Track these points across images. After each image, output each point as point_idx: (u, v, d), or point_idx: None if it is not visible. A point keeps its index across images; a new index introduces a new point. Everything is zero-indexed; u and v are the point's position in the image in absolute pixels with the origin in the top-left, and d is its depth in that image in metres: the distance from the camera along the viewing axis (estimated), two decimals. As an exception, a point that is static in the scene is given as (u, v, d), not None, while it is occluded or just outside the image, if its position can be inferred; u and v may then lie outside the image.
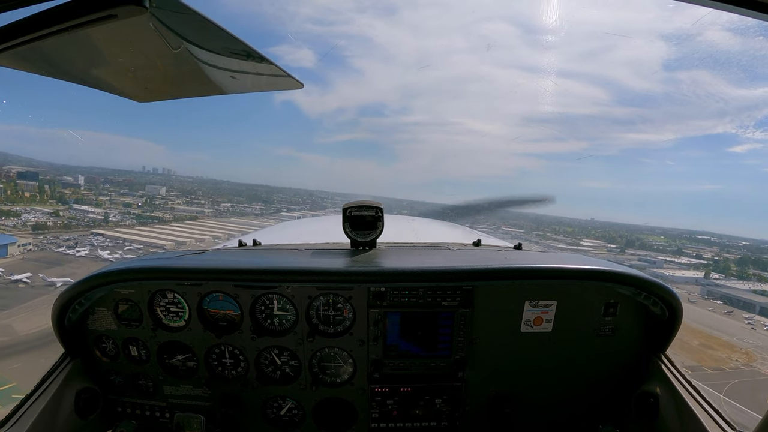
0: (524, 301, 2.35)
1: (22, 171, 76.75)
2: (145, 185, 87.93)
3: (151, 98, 2.08)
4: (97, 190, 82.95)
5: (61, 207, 73.60)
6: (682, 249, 75.56)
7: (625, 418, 2.49)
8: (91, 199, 79.54)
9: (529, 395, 2.53)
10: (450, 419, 2.51)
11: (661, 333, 2.40)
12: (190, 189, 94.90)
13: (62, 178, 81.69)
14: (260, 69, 1.88)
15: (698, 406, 2.13)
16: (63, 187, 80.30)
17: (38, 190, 74.64)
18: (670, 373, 2.32)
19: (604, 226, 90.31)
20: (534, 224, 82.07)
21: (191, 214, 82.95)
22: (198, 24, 1.45)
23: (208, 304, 2.42)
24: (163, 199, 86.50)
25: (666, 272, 61.82)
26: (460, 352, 2.43)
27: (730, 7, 1.12)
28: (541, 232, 79.44)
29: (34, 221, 65.77)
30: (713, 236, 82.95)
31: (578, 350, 2.47)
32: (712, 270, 68.60)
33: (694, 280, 63.46)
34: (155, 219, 77.94)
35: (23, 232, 62.58)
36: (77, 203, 76.48)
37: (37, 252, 58.09)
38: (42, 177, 78.26)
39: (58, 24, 1.06)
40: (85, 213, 73.63)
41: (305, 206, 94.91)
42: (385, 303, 2.36)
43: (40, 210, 70.05)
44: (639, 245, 77.82)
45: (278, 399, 2.54)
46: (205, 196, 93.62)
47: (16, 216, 66.37)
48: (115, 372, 2.56)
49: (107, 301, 2.43)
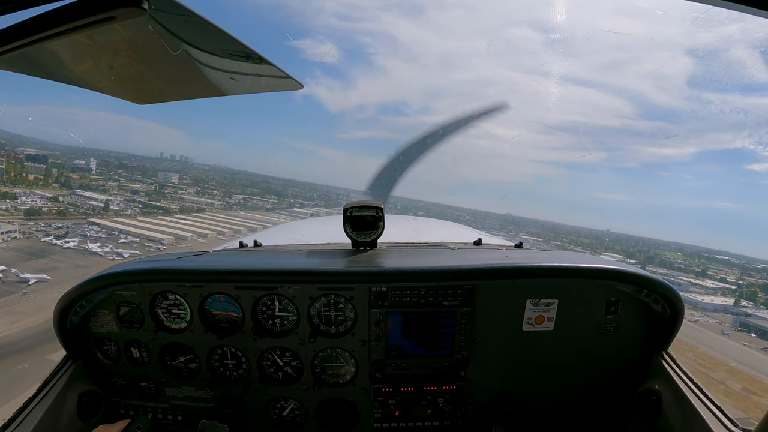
0: (526, 300, 2.35)
1: (32, 153, 72.51)
2: (158, 172, 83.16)
3: (150, 100, 2.08)
4: (107, 175, 78.15)
5: (64, 192, 68.50)
6: (706, 270, 68.55)
7: (628, 416, 2.49)
8: (98, 184, 75.05)
9: (532, 394, 2.53)
10: (452, 419, 2.51)
11: (663, 331, 2.40)
12: (205, 178, 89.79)
13: (74, 162, 77.14)
14: (260, 70, 1.88)
15: (701, 404, 2.12)
16: (72, 171, 75.65)
17: (45, 173, 70.41)
18: (672, 371, 2.32)
19: (620, 238, 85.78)
20: (552, 233, 79.30)
21: (199, 205, 78.14)
22: (197, 26, 1.44)
23: (209, 306, 2.42)
24: (174, 187, 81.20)
25: (694, 297, 55.33)
26: (462, 352, 2.42)
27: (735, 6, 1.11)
28: (560, 242, 75.09)
29: (29, 205, 60.54)
30: (731, 256, 75.78)
31: (580, 348, 2.47)
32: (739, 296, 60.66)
33: (723, 307, 56.08)
34: (160, 209, 73.40)
35: (15, 216, 57.36)
36: (82, 189, 70.88)
37: (22, 240, 52.05)
38: (54, 160, 74.17)
39: (57, 26, 1.06)
40: (87, 199, 68.41)
41: (319, 202, 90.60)
42: (387, 303, 2.35)
43: (40, 194, 64.62)
44: (659, 262, 72.04)
45: (280, 400, 2.54)
46: (219, 186, 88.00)
47: (13, 199, 60.44)
48: (117, 374, 2.56)
49: (109, 303, 2.43)
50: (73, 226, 58.61)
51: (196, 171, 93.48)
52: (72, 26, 1.05)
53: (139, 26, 1.35)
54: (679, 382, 2.25)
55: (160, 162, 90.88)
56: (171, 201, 77.05)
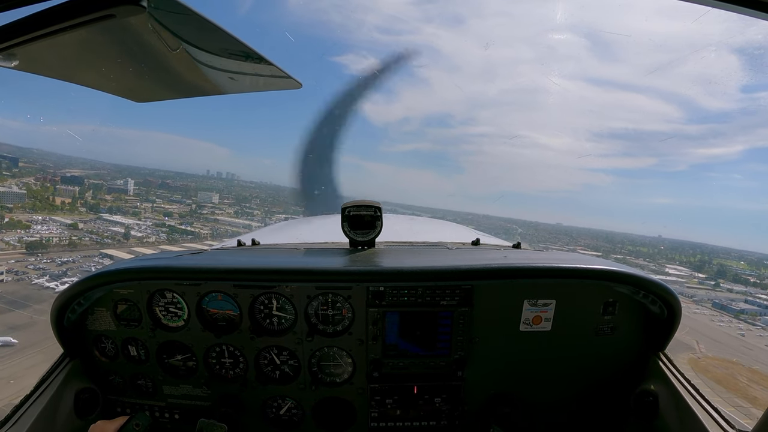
0: (523, 300, 2.36)
1: (73, 175, 68.01)
2: (198, 192, 77.18)
3: (149, 98, 2.09)
4: (144, 196, 71.86)
5: (90, 216, 61.46)
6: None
7: (625, 418, 2.49)
8: (130, 207, 68.39)
9: (529, 394, 2.53)
10: (449, 418, 2.51)
11: (660, 332, 2.41)
12: (248, 196, 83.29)
13: (114, 182, 71.65)
14: (259, 69, 1.89)
15: (698, 405, 2.13)
16: (109, 192, 68.41)
17: (76, 195, 64.52)
18: (670, 372, 2.33)
19: (673, 244, 78.17)
20: (609, 245, 72.05)
21: (235, 227, 69.63)
22: (196, 24, 1.45)
23: (207, 304, 2.42)
24: (212, 207, 73.87)
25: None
26: (460, 352, 2.43)
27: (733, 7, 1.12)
28: (620, 255, 66.68)
29: (41, 235, 52.76)
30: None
31: (577, 349, 2.47)
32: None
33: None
34: (190, 234, 66.40)
35: (14, 251, 48.53)
36: (109, 213, 63.88)
37: (9, 284, 42.35)
38: (95, 180, 69.31)
39: (56, 24, 1.06)
40: (112, 225, 60.73)
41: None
42: (384, 302, 2.36)
43: (60, 220, 57.84)
44: (732, 277, 60.10)
45: (277, 399, 2.55)
46: (262, 204, 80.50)
47: (25, 228, 52.85)
48: (114, 372, 2.56)
49: (106, 301, 2.43)
50: (81, 259, 50.63)
51: (241, 188, 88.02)
52: (72, 23, 1.06)
53: (138, 24, 1.35)
54: (676, 383, 2.26)
55: (206, 180, 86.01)
56: (204, 223, 70.74)
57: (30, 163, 66.70)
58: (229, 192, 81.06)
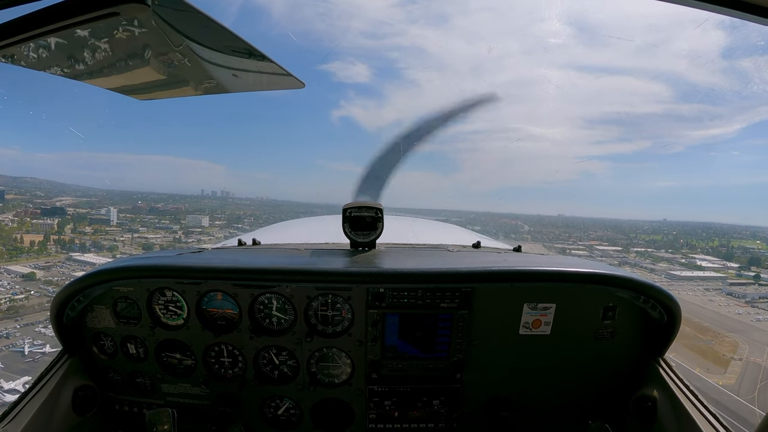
0: (523, 304, 2.35)
1: (51, 208, 61.18)
2: (187, 215, 71.17)
3: (151, 96, 2.08)
4: (128, 225, 65.30)
5: (57, 258, 51.92)
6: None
7: (623, 422, 2.49)
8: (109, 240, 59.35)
9: (527, 398, 2.53)
10: (448, 421, 2.50)
11: (660, 337, 2.40)
12: (241, 215, 77.65)
13: (98, 212, 65.10)
14: (262, 67, 1.88)
15: (696, 411, 2.13)
16: (90, 223, 61.84)
17: (56, 229, 56.79)
18: (669, 377, 2.32)
19: (680, 227, 73.82)
20: (622, 236, 66.99)
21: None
22: (200, 22, 1.45)
23: (206, 303, 2.42)
24: (200, 232, 66.60)
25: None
26: (459, 354, 2.42)
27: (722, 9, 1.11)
28: (641, 248, 61.43)
29: None
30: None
31: (576, 353, 2.47)
32: None
33: None
34: None
35: None
36: (81, 251, 55.09)
37: None
38: (80, 210, 62.63)
39: (61, 21, 1.06)
40: (75, 269, 46.39)
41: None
42: (384, 304, 2.35)
43: (15, 270, 46.38)
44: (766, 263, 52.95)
45: (276, 398, 2.54)
46: (255, 223, 71.18)
47: None
48: (113, 370, 2.56)
49: (106, 298, 2.43)
50: (29, 315, 38.10)
51: (236, 206, 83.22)
52: (76, 21, 1.06)
53: (142, 22, 1.35)
54: (675, 388, 2.26)
55: (200, 201, 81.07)
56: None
57: (20, 194, 61.88)
58: (223, 211, 77.46)
